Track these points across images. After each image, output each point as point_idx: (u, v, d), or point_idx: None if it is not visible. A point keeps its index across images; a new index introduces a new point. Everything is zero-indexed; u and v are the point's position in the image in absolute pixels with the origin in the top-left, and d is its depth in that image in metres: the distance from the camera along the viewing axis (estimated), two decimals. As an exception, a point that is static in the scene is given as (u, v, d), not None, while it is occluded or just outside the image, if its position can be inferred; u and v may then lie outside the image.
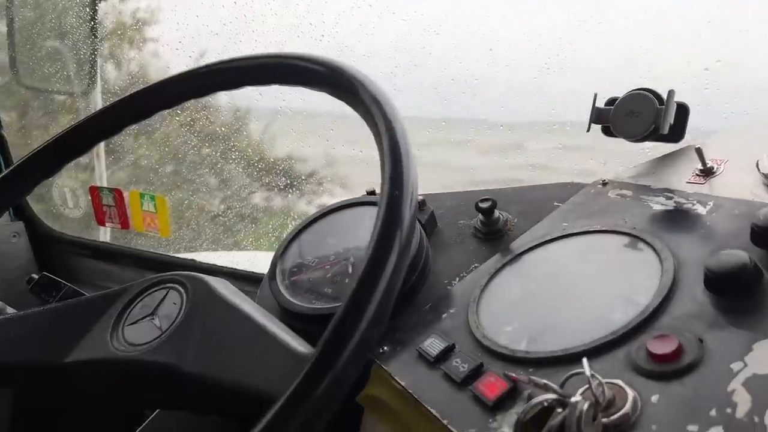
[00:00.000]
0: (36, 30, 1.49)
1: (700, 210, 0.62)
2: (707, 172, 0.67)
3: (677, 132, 0.73)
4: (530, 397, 0.51)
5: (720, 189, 0.64)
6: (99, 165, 1.35)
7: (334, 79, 0.60)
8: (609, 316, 0.56)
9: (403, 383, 0.60)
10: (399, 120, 0.55)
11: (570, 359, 0.53)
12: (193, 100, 0.90)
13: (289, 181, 1.50)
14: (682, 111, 0.73)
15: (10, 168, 0.76)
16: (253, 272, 1.09)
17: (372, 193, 0.86)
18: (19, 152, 1.45)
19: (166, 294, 0.67)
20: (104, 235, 1.34)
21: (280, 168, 1.52)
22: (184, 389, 0.61)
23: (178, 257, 1.18)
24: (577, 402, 0.42)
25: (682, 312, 0.51)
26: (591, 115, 0.71)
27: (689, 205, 0.64)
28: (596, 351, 0.52)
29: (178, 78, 0.74)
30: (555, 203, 0.77)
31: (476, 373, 0.56)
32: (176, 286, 0.67)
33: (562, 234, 0.69)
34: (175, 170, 1.61)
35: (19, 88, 1.63)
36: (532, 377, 0.48)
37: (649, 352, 0.48)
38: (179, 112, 1.49)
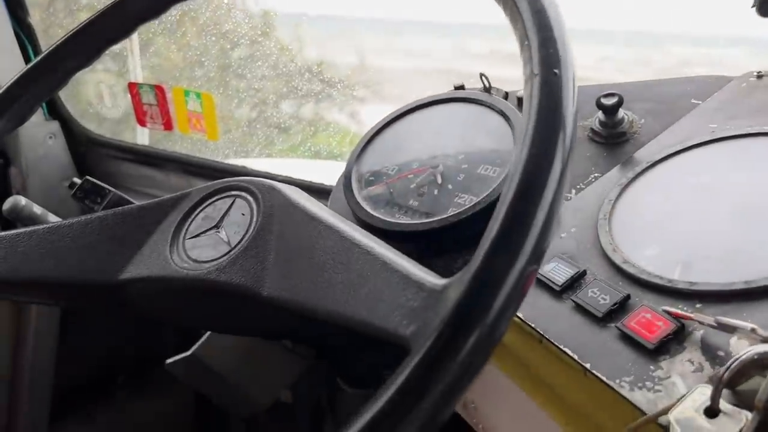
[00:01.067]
0: None
1: None
2: None
3: None
4: (704, 341, 0.40)
5: None
6: (133, 59, 1.22)
7: None
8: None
9: (521, 315, 0.49)
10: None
11: (755, 295, 0.41)
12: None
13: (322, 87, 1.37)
14: None
15: (41, 55, 0.65)
16: (312, 182, 0.98)
17: (461, 87, 0.73)
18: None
19: (233, 203, 0.57)
20: (142, 138, 1.23)
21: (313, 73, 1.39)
22: (260, 314, 0.51)
23: (228, 164, 1.07)
24: (809, 357, 0.31)
25: None
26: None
27: None
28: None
29: None
30: (693, 101, 0.63)
31: (623, 306, 0.45)
32: (243, 194, 0.56)
33: (712, 138, 0.55)
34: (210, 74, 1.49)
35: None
36: (725, 319, 0.37)
37: None
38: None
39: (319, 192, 0.98)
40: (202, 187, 0.60)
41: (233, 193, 0.57)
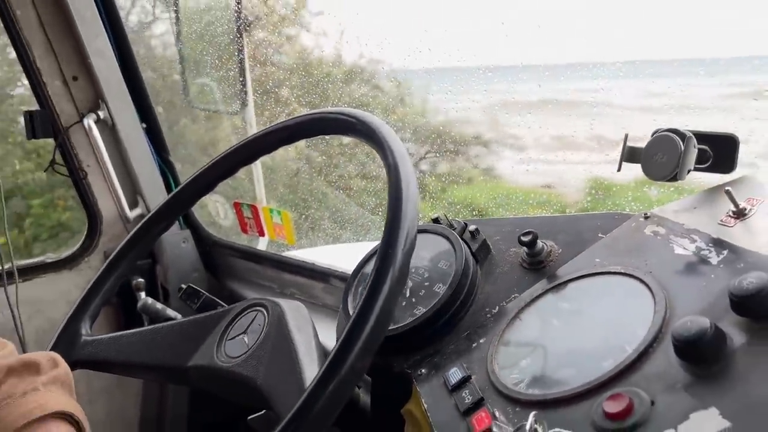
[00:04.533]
0: (199, 61, 1.79)
1: (713, 260, 0.62)
2: (739, 214, 0.65)
3: (727, 163, 0.72)
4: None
5: (741, 236, 0.63)
6: (258, 183, 1.60)
7: (365, 131, 0.72)
8: (600, 363, 0.60)
9: (426, 406, 0.70)
10: (408, 170, 0.64)
11: (546, 404, 0.59)
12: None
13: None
14: (731, 142, 0.71)
15: (180, 186, 0.96)
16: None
17: (436, 221, 0.94)
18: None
19: (255, 316, 0.84)
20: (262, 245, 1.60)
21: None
22: (264, 399, 0.77)
23: (300, 261, 1.38)
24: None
25: (651, 371, 0.55)
26: (622, 154, 0.72)
27: (705, 252, 0.64)
28: (567, 401, 0.57)
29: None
30: (599, 234, 0.79)
31: (476, 406, 0.65)
32: (262, 309, 0.84)
33: (591, 271, 0.72)
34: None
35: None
36: (497, 418, 0.56)
37: (603, 409, 0.53)
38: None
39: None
40: (242, 302, 0.88)
41: (257, 308, 0.85)
